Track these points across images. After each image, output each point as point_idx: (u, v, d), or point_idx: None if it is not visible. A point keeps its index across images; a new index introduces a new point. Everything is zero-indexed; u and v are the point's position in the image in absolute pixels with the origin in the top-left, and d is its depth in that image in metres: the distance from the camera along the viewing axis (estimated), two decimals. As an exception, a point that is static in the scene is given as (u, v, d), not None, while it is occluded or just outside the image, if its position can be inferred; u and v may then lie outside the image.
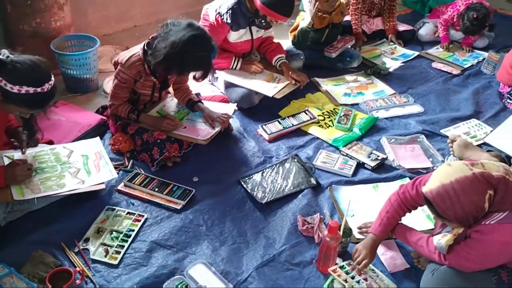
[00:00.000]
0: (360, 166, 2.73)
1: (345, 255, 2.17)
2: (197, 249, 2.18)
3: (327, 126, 3.06)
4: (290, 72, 3.23)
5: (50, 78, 2.03)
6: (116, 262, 2.08)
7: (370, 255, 2.03)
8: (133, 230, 2.23)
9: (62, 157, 2.40)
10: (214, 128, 2.71)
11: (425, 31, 4.22)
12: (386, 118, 3.17)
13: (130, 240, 2.18)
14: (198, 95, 2.91)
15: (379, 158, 2.75)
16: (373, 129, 3.06)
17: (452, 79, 3.71)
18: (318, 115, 3.12)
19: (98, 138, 2.57)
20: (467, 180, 1.67)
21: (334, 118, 3.12)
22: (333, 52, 3.63)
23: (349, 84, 3.55)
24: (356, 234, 2.26)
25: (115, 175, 2.38)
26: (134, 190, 2.44)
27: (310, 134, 3.00)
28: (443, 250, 1.84)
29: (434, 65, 3.88)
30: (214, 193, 2.49)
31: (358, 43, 3.97)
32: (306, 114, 3.10)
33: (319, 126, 3.05)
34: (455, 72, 3.77)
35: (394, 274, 2.12)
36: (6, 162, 2.24)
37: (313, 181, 2.57)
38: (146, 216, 2.32)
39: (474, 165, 1.72)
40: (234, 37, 3.10)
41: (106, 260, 2.09)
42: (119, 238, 2.19)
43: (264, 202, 2.43)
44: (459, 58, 3.98)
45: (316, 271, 2.12)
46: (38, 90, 1.97)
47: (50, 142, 2.55)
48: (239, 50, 3.25)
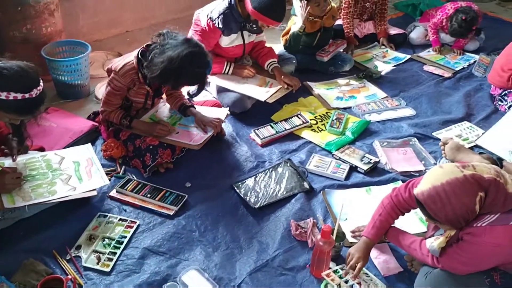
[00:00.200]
0: (353, 169, 2.73)
1: (338, 259, 2.17)
2: (190, 255, 2.17)
3: (320, 130, 3.07)
4: (282, 76, 3.23)
5: (39, 83, 2.02)
6: (108, 269, 2.06)
7: (364, 259, 2.02)
8: (125, 237, 2.21)
9: (53, 164, 2.38)
10: (206, 132, 2.71)
11: (416, 35, 4.24)
12: (378, 122, 3.18)
13: (122, 247, 2.17)
14: (190, 100, 2.91)
15: (372, 161, 2.75)
16: (365, 132, 3.06)
17: (443, 82, 3.73)
18: (311, 119, 3.13)
19: (89, 145, 2.56)
20: (458, 182, 1.67)
21: (327, 122, 3.12)
22: (325, 56, 3.64)
23: (341, 87, 3.56)
24: (349, 238, 2.26)
25: (107, 182, 2.37)
26: (126, 196, 2.43)
27: (302, 138, 3.00)
28: (436, 253, 1.85)
29: (425, 68, 3.90)
30: (207, 198, 2.49)
31: (350, 47, 3.98)
32: (299, 118, 3.11)
33: (312, 130, 3.06)
34: (447, 75, 3.79)
35: (387, 278, 2.12)
36: (-4, 170, 2.22)
37: (306, 185, 2.57)
38: (138, 222, 2.30)
39: (465, 167, 1.72)
40: (226, 41, 3.10)
41: (98, 267, 2.07)
42: (111, 245, 2.17)
43: (257, 207, 2.42)
44: (451, 61, 4.00)
45: (309, 276, 2.11)
46: (27, 95, 1.96)
47: (41, 149, 2.54)
48: (231, 55, 3.25)
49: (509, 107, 3.22)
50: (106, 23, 4.07)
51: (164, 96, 2.89)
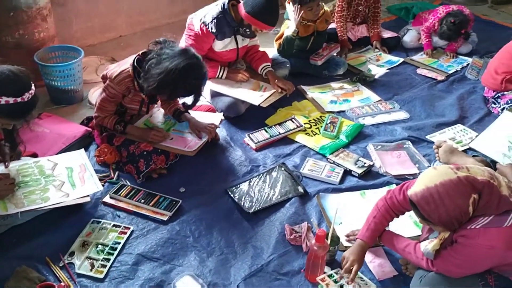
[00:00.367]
0: (347, 173, 2.73)
1: (333, 264, 2.16)
2: (184, 260, 2.16)
3: (314, 134, 3.07)
4: (276, 80, 3.23)
5: (30, 87, 2.01)
6: (102, 276, 2.05)
7: (359, 261, 2.02)
8: (119, 243, 2.20)
9: (46, 170, 2.37)
10: (201, 138, 2.71)
11: (409, 38, 4.26)
12: (372, 125, 3.18)
13: (116, 253, 2.16)
14: (184, 105, 2.90)
15: (366, 165, 2.75)
16: (359, 136, 3.07)
17: (437, 85, 3.74)
18: (305, 123, 3.13)
19: (82, 150, 2.55)
20: (452, 183, 1.68)
21: (321, 126, 3.12)
22: (318, 60, 3.65)
23: (335, 91, 3.56)
24: (344, 242, 2.25)
25: (100, 188, 2.36)
26: (120, 202, 2.42)
27: (297, 142, 2.99)
28: (430, 255, 1.85)
29: (419, 71, 3.91)
30: (201, 203, 2.48)
31: (344, 50, 3.99)
32: (293, 122, 3.11)
33: (306, 134, 3.06)
34: (440, 78, 3.81)
35: (382, 282, 2.12)
36: (-12, 177, 2.21)
37: (300, 189, 2.57)
38: (132, 228, 2.29)
39: (459, 169, 1.73)
40: (219, 46, 3.10)
41: (91, 274, 2.06)
42: (105, 251, 2.16)
43: (251, 211, 2.42)
44: (444, 64, 4.02)
45: (304, 281, 2.11)
46: (18, 100, 1.96)
47: (34, 155, 2.53)
48: (225, 59, 3.24)
49: (502, 110, 3.23)
50: (99, 28, 4.06)
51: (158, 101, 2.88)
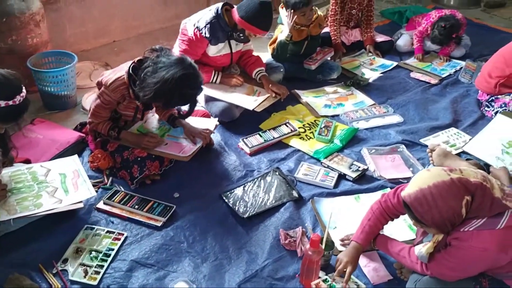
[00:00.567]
0: (341, 177, 2.73)
1: (328, 268, 2.15)
2: (178, 266, 2.15)
3: (308, 138, 3.07)
4: (270, 85, 3.23)
5: (21, 90, 2.02)
6: (95, 283, 2.04)
7: (352, 263, 2.02)
8: (112, 249, 2.19)
9: (39, 176, 2.35)
10: (195, 144, 2.70)
11: (403, 42, 4.27)
12: (366, 129, 3.18)
13: (109, 259, 2.14)
14: (180, 114, 2.89)
15: (360, 169, 2.76)
16: (353, 140, 3.07)
17: (430, 89, 3.75)
18: (299, 127, 3.13)
19: (76, 156, 2.53)
20: (445, 185, 1.68)
21: (315, 130, 3.12)
22: (312, 64, 3.65)
23: (329, 95, 3.56)
24: (338, 247, 2.25)
25: (94, 194, 2.34)
26: (114, 208, 2.41)
27: (291, 146, 2.99)
28: (424, 259, 1.85)
29: (412, 75, 3.92)
30: (195, 208, 2.47)
31: (338, 54, 3.99)
32: (287, 126, 3.11)
33: (300, 138, 3.06)
34: (433, 81, 3.82)
35: (377, 286, 2.11)
36: (-20, 183, 2.19)
37: (294, 194, 2.57)
38: (126, 234, 2.28)
39: (453, 171, 1.74)
40: (213, 51, 3.10)
41: (85, 280, 2.05)
42: (99, 258, 2.15)
43: (246, 216, 2.41)
44: (437, 67, 4.03)
45: (299, 286, 2.10)
46: (10, 103, 1.96)
47: (27, 161, 2.51)
48: (219, 64, 3.24)
49: (495, 113, 3.25)
50: (93, 33, 4.05)
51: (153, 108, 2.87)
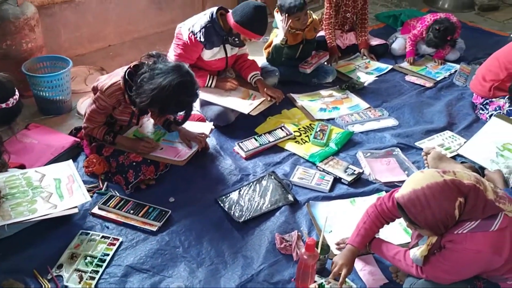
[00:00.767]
0: (337, 181, 2.74)
1: (324, 272, 2.15)
2: (174, 271, 2.14)
3: (304, 141, 3.07)
4: (266, 88, 3.23)
5: (14, 93, 2.02)
6: (90, 289, 2.03)
7: (347, 265, 2.02)
8: (108, 255, 2.18)
9: (34, 181, 2.34)
10: (191, 148, 2.70)
11: (397, 45, 4.28)
12: (361, 132, 3.19)
13: (105, 265, 2.13)
14: (175, 120, 2.88)
15: (356, 172, 2.76)
16: (349, 143, 3.07)
17: (425, 92, 3.76)
18: (294, 131, 3.13)
19: (70, 161, 2.53)
20: (438, 186, 1.69)
21: (310, 134, 3.13)
22: (307, 68, 3.66)
23: (324, 99, 3.57)
24: (334, 250, 2.25)
25: (88, 199, 2.33)
26: (109, 213, 2.40)
27: (286, 150, 2.99)
28: (419, 262, 1.85)
29: (407, 78, 3.93)
30: (191, 213, 2.46)
31: (334, 57, 4.00)
32: (282, 130, 3.11)
33: (296, 142, 3.06)
34: (428, 85, 3.83)
35: (373, 290, 2.12)
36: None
37: (290, 197, 2.57)
38: (121, 239, 2.27)
39: (446, 172, 1.75)
40: (208, 55, 3.10)
41: (80, 286, 2.03)
42: (94, 263, 2.14)
43: (241, 221, 2.41)
44: (432, 71, 4.05)
45: (295, 290, 2.10)
46: (3, 105, 1.97)
47: (22, 166, 2.50)
48: (214, 68, 3.24)
49: (490, 116, 3.26)
50: (88, 38, 4.04)
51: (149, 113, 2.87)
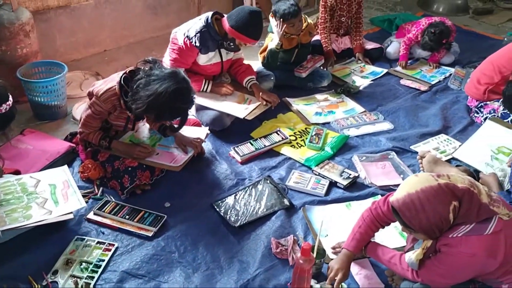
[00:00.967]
0: (332, 185, 2.74)
1: (320, 277, 2.15)
2: (169, 277, 2.14)
3: (299, 146, 3.07)
4: (261, 93, 3.24)
5: (8, 98, 2.01)
6: (86, 295, 2.02)
7: (343, 270, 2.02)
8: (103, 260, 2.17)
9: (29, 187, 2.34)
10: (187, 153, 2.70)
11: (392, 49, 4.30)
12: (357, 136, 3.19)
13: (100, 270, 2.13)
14: (171, 127, 2.87)
15: (351, 176, 2.76)
16: (344, 147, 3.08)
17: (420, 96, 3.77)
18: (290, 135, 3.13)
19: (66, 167, 2.52)
20: (432, 190, 1.70)
21: (306, 138, 3.13)
22: (303, 72, 3.67)
23: (320, 103, 3.58)
24: (330, 255, 2.25)
25: (84, 204, 2.33)
26: (104, 219, 2.39)
27: (282, 154, 2.99)
28: (414, 265, 1.86)
29: (402, 82, 3.95)
30: (186, 218, 2.46)
31: (330, 61, 4.00)
32: (278, 134, 3.11)
33: (291, 146, 3.06)
34: (423, 88, 3.85)
35: (369, 294, 2.12)
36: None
37: (286, 202, 2.57)
38: (116, 245, 2.26)
39: (440, 176, 1.75)
40: (203, 60, 3.10)
41: (75, 292, 2.03)
42: (89, 269, 2.13)
43: (237, 225, 2.41)
44: (427, 74, 4.06)
45: (291, 294, 2.10)
46: None
47: (17, 172, 2.49)
48: (209, 73, 3.25)
49: (485, 119, 3.28)
50: (83, 43, 4.04)
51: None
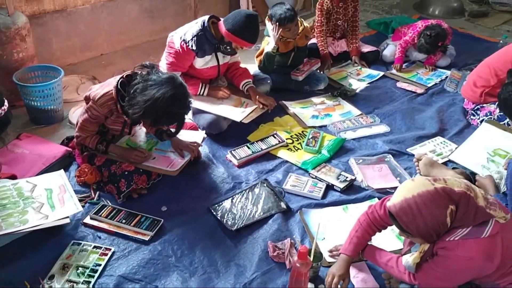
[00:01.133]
0: (329, 188, 2.74)
1: (317, 280, 2.15)
2: (166, 281, 2.13)
3: (296, 149, 3.07)
4: (258, 96, 3.24)
5: (3, 103, 2.02)
6: (82, 299, 2.02)
7: (345, 276, 2.03)
8: (100, 265, 2.17)
9: (25, 192, 2.33)
10: (183, 157, 2.69)
11: (389, 52, 4.30)
12: (353, 139, 3.20)
13: (97, 275, 2.12)
14: (168, 132, 2.87)
15: (348, 179, 2.76)
16: (341, 150, 3.08)
17: (416, 98, 3.78)
18: (287, 138, 3.14)
19: (62, 171, 2.52)
20: (429, 194, 1.70)
21: (303, 141, 3.13)
22: (299, 75, 3.67)
23: (316, 106, 3.58)
24: (327, 258, 2.25)
25: (80, 209, 2.32)
26: (101, 223, 2.38)
27: (279, 157, 2.99)
28: (411, 269, 1.86)
29: (398, 84, 3.96)
30: (183, 222, 2.45)
31: (326, 64, 4.01)
32: (275, 137, 3.11)
33: (288, 149, 3.06)
34: (419, 91, 3.86)
35: (366, 297, 2.12)
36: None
37: (283, 205, 2.57)
38: (113, 249, 2.26)
39: (437, 180, 1.76)
40: (200, 63, 3.11)
41: (72, 297, 2.03)
42: (86, 274, 2.12)
43: (234, 229, 2.40)
44: (423, 77, 4.07)
45: (288, 298, 2.09)
46: None
47: (13, 177, 2.49)
48: (206, 76, 3.25)
49: (481, 122, 3.29)
50: (80, 47, 4.04)
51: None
